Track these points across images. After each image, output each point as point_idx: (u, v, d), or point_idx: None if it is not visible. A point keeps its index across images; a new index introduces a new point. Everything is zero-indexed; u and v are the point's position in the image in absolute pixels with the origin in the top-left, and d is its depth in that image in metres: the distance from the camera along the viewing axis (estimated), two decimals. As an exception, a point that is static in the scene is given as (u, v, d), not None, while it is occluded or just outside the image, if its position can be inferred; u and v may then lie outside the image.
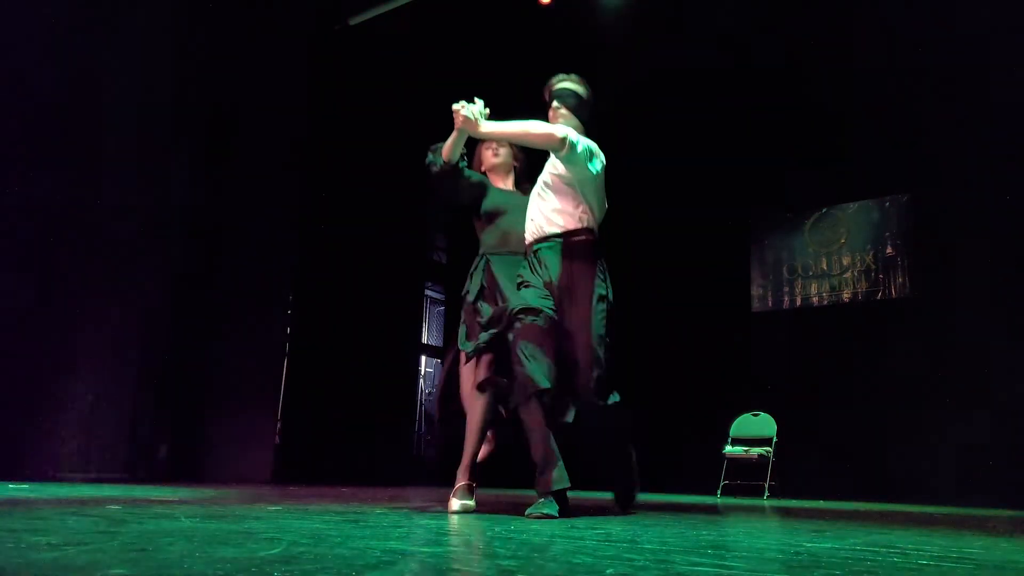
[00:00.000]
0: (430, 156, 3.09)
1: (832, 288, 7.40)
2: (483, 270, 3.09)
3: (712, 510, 3.88)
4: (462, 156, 3.06)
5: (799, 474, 6.44)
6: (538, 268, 2.89)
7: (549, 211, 2.92)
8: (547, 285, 2.84)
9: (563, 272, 2.85)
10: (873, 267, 7.21)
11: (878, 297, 7.14)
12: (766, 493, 6.14)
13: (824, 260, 7.49)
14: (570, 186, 2.89)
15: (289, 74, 6.49)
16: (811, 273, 7.55)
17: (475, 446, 2.91)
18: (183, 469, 5.37)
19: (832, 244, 7.47)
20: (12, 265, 4.73)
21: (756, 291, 7.82)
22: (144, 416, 5.19)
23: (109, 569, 1.11)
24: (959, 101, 6.52)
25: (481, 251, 3.18)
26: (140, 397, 5.17)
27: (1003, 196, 6.24)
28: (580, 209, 2.91)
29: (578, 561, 1.39)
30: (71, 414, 4.79)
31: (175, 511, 2.40)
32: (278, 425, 6.17)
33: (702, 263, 7.77)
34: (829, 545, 1.90)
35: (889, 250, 7.16)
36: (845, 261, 7.38)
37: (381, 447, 6.78)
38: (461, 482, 2.89)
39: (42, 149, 4.77)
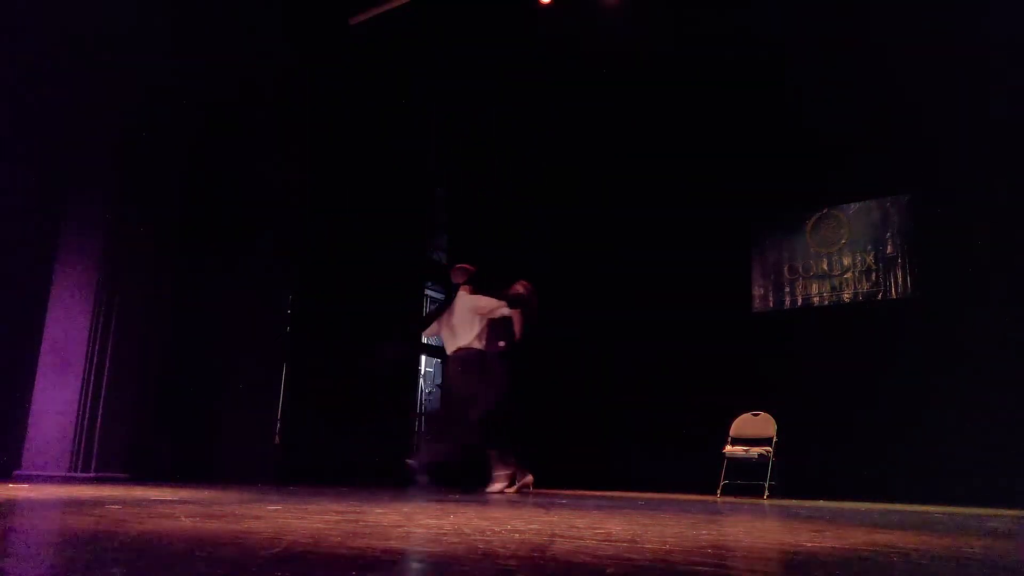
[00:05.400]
0: None
1: (833, 288, 7.40)
2: None
3: (712, 510, 3.87)
4: None
5: (799, 474, 6.43)
6: None
7: None
8: None
9: None
10: (874, 267, 7.21)
11: (879, 297, 7.14)
12: (766, 493, 6.14)
13: (825, 260, 7.49)
14: None
15: (288, 71, 6.48)
16: (812, 273, 7.55)
17: None
18: (183, 469, 5.36)
19: (833, 244, 7.47)
20: (11, 264, 4.73)
21: (757, 291, 7.81)
22: (144, 416, 5.18)
23: (109, 569, 1.11)
24: (959, 101, 6.51)
25: None
26: (140, 397, 5.16)
27: (1003, 196, 6.24)
28: None
29: (578, 561, 1.39)
30: (71, 414, 4.78)
31: (175, 511, 2.40)
32: (278, 425, 6.17)
33: (703, 263, 7.77)
34: (829, 545, 1.89)
35: (890, 250, 7.16)
36: (846, 261, 7.37)
37: (381, 447, 6.77)
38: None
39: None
